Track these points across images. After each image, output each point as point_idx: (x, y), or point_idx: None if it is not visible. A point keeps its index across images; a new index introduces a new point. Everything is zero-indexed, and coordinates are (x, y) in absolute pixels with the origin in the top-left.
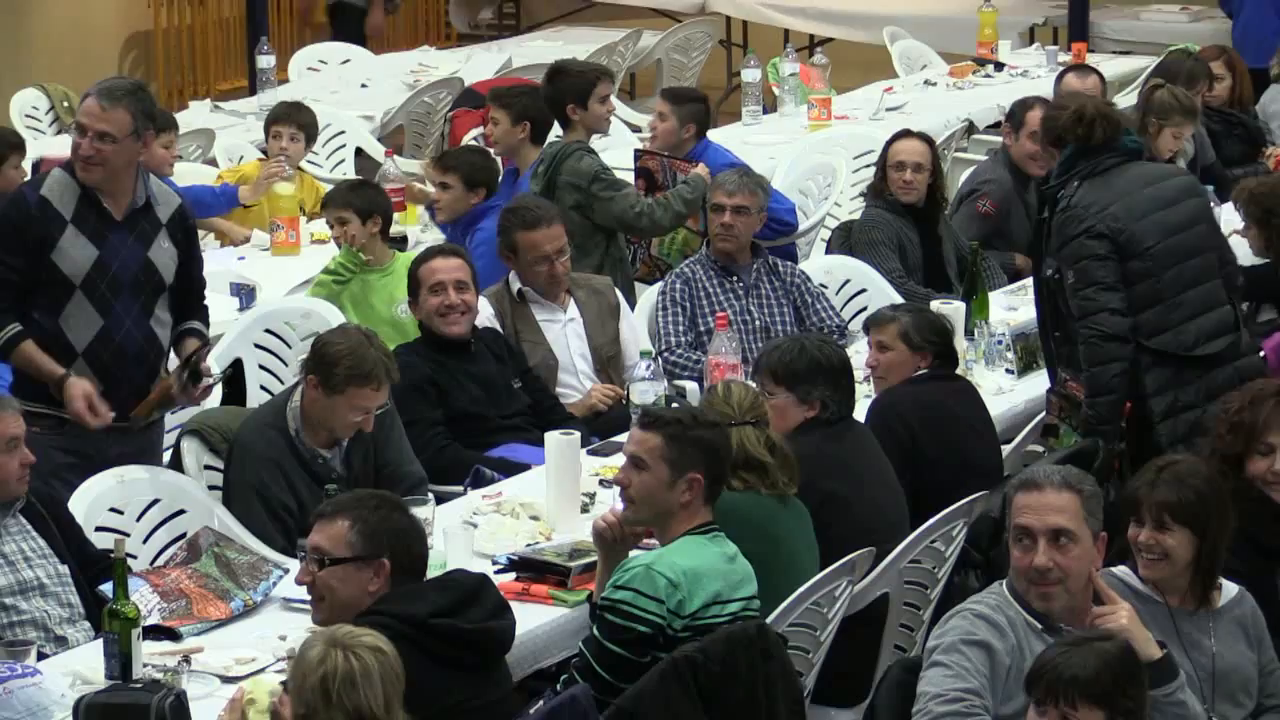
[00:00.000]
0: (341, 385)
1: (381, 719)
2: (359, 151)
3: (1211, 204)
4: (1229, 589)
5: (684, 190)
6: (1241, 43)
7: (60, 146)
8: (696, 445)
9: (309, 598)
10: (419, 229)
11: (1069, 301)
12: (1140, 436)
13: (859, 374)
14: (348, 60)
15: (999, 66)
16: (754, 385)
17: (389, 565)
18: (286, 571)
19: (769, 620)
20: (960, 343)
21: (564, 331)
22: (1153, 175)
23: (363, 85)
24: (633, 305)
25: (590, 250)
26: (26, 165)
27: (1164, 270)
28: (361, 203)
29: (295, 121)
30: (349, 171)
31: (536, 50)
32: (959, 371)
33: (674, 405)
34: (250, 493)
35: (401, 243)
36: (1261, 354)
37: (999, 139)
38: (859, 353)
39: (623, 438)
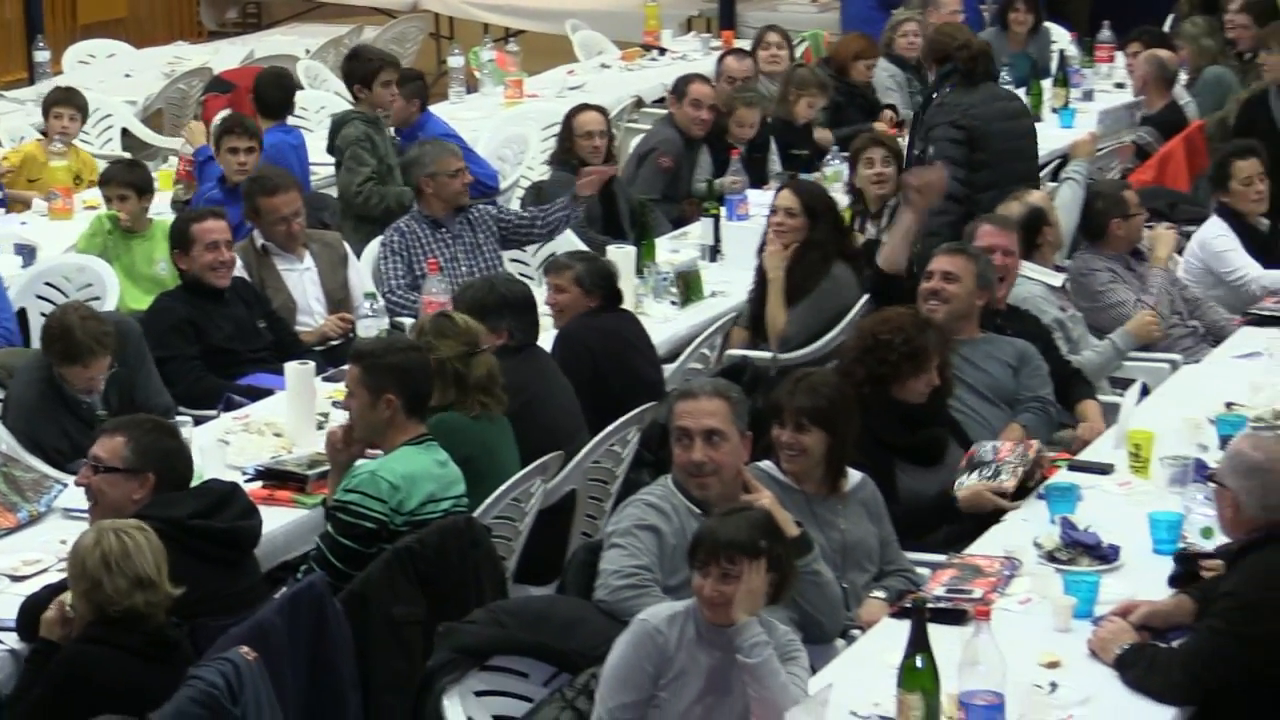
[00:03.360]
0: (59, 362)
1: (157, 581)
2: (124, 131)
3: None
4: (854, 476)
5: (405, 197)
6: (847, 29)
7: None
8: (389, 371)
9: (86, 508)
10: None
11: None
12: None
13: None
14: (113, 55)
15: (662, 51)
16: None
17: (154, 480)
18: (66, 486)
19: (476, 514)
20: (632, 280)
21: (301, 279)
22: (1003, 94)
23: (126, 75)
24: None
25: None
26: None
27: (1002, 164)
28: (138, 181)
29: (73, 104)
30: (116, 149)
31: (275, 44)
32: (631, 305)
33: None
34: (23, 439)
35: None
36: None
37: (664, 111)
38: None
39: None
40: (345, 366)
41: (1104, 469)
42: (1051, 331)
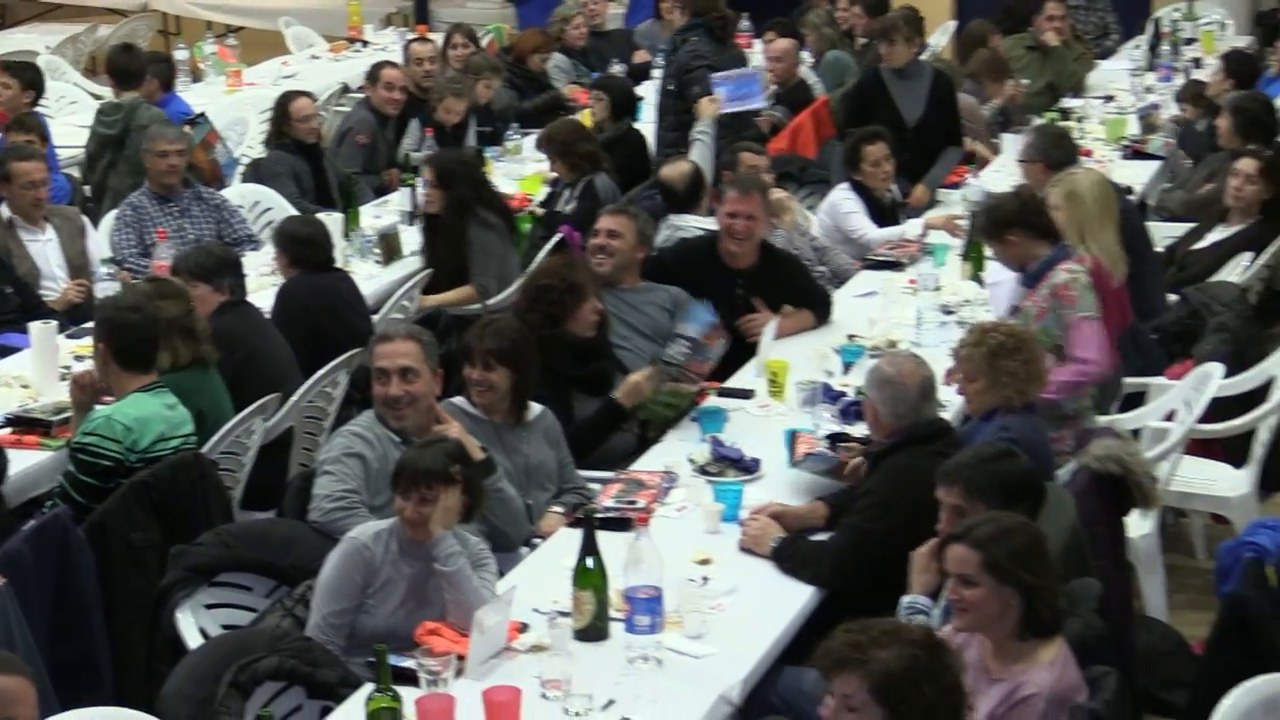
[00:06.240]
0: None
1: None
2: None
3: None
4: (535, 408)
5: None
6: (526, 23)
7: None
8: (99, 325)
9: None
10: None
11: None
12: None
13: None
14: None
15: (364, 44)
16: None
17: None
18: None
19: (204, 450)
20: (341, 243)
21: (44, 248)
22: (737, 50)
23: None
24: None
25: None
26: None
27: None
28: None
29: None
30: None
31: (18, 41)
32: (341, 264)
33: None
34: None
35: None
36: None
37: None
38: (270, 253)
39: (90, 325)
40: (85, 325)
41: (746, 394)
42: None
